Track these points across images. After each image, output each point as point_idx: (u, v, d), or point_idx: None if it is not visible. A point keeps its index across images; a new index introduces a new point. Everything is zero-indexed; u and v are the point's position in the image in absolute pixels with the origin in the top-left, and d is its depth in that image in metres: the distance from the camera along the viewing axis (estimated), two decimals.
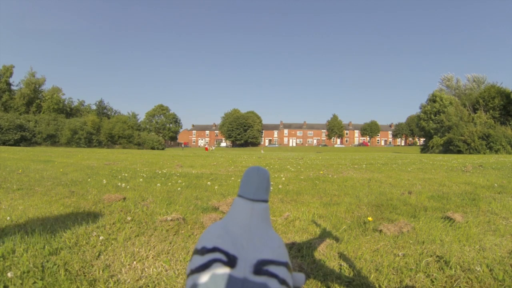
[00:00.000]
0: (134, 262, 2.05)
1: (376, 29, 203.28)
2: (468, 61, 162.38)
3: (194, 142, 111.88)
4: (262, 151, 49.51)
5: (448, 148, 35.37)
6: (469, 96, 44.29)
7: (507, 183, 5.56)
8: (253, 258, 0.72)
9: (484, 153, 31.35)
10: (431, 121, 44.12)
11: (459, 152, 32.80)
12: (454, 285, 1.81)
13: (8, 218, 2.83)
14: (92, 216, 3.02)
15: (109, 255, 2.13)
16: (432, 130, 43.42)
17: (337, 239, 2.61)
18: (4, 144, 29.47)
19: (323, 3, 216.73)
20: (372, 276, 1.89)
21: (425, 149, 44.63)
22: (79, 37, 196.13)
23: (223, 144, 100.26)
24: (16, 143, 31.23)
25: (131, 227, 2.76)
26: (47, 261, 1.93)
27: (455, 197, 4.33)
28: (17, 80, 65.11)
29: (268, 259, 0.72)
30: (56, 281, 1.70)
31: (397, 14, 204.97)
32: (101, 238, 2.40)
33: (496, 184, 5.33)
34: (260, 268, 0.68)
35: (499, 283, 1.82)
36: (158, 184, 5.19)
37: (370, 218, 3.11)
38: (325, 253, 2.28)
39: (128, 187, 4.90)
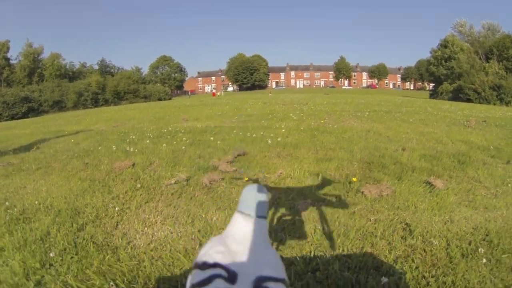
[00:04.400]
0: (146, 228, 2.41)
1: None
2: (483, 7, 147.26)
3: (200, 89, 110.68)
4: (270, 94, 49.00)
5: (458, 95, 34.61)
6: (482, 44, 42.18)
7: (504, 145, 5.22)
8: (252, 274, 0.77)
9: (494, 104, 30.47)
10: (441, 67, 43.19)
11: (469, 100, 31.99)
12: (410, 255, 1.93)
13: (36, 202, 3.06)
14: (107, 187, 3.36)
15: (125, 224, 2.49)
16: (442, 76, 42.60)
17: (319, 200, 2.79)
18: (12, 118, 29.06)
19: None
20: (339, 240, 2.10)
21: (434, 94, 43.89)
22: None
23: (230, 88, 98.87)
24: (24, 115, 31.27)
25: (141, 194, 3.11)
26: (77, 237, 2.27)
27: (446, 158, 4.26)
28: (14, 53, 64.09)
29: (267, 275, 0.78)
30: (87, 254, 2.05)
31: None
32: (117, 209, 2.75)
33: (492, 146, 5.05)
34: (259, 284, 0.72)
35: (450, 259, 1.88)
36: (164, 145, 5.42)
37: (354, 179, 3.25)
38: (305, 214, 2.51)
39: (136, 150, 5.17)
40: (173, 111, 13.74)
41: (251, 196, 1.01)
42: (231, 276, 0.77)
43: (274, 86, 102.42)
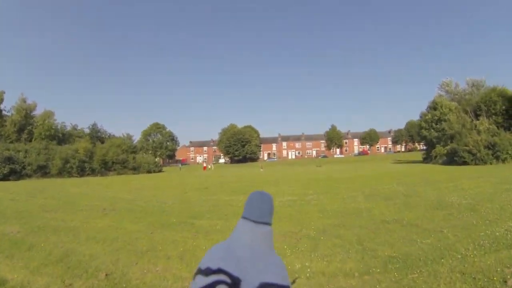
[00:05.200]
0: None
1: (370, 33, 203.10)
2: (467, 63, 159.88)
3: (192, 158, 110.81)
4: (261, 169, 48.20)
5: (453, 159, 34.20)
6: (469, 102, 43.39)
7: None
8: (256, 281, 0.80)
9: (491, 163, 30.31)
10: (432, 130, 43.30)
11: (465, 163, 31.61)
12: None
13: None
14: None
15: None
16: (434, 139, 42.52)
17: None
18: None
19: (316, 14, 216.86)
20: None
21: (428, 158, 43.80)
22: (70, 59, 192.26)
23: (222, 160, 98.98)
24: (5, 177, 30.18)
25: None
26: None
27: None
28: (8, 105, 64.47)
29: (271, 282, 0.80)
30: None
31: (390, 18, 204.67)
32: None
33: None
34: None
35: None
36: None
37: None
38: None
39: None
40: (143, 227, 11.87)
41: (256, 202, 1.08)
42: (234, 282, 0.79)
43: (266, 157, 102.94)
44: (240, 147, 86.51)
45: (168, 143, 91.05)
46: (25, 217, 11.59)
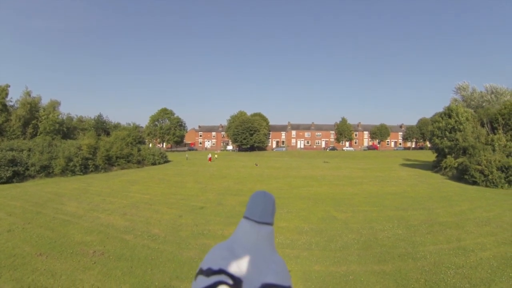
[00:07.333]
0: None
1: (382, 30, 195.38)
2: (482, 65, 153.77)
3: (200, 143, 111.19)
4: (256, 165, 48.07)
5: (463, 176, 33.05)
6: (486, 111, 41.22)
7: None
8: (257, 281, 0.78)
9: (502, 187, 29.17)
10: (445, 138, 41.44)
11: (475, 183, 30.42)
12: None
13: None
14: None
15: None
16: (446, 149, 40.84)
17: None
18: None
19: (330, 2, 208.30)
20: None
21: (437, 167, 42.28)
22: (74, 46, 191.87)
23: (230, 147, 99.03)
24: (9, 179, 30.51)
25: None
26: None
27: None
28: (14, 98, 64.15)
29: (272, 283, 0.79)
30: None
31: (404, 17, 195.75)
32: None
33: None
34: None
35: None
36: None
37: None
38: None
39: None
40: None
41: (258, 202, 1.05)
42: (235, 282, 0.77)
43: (274, 145, 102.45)
44: (248, 135, 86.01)
45: (176, 129, 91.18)
46: (18, 266, 11.48)
